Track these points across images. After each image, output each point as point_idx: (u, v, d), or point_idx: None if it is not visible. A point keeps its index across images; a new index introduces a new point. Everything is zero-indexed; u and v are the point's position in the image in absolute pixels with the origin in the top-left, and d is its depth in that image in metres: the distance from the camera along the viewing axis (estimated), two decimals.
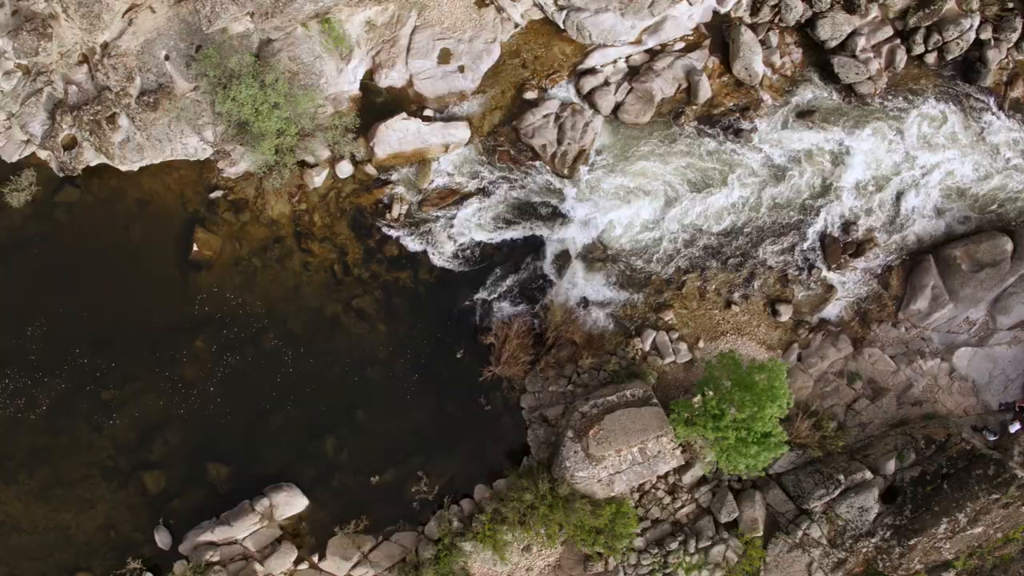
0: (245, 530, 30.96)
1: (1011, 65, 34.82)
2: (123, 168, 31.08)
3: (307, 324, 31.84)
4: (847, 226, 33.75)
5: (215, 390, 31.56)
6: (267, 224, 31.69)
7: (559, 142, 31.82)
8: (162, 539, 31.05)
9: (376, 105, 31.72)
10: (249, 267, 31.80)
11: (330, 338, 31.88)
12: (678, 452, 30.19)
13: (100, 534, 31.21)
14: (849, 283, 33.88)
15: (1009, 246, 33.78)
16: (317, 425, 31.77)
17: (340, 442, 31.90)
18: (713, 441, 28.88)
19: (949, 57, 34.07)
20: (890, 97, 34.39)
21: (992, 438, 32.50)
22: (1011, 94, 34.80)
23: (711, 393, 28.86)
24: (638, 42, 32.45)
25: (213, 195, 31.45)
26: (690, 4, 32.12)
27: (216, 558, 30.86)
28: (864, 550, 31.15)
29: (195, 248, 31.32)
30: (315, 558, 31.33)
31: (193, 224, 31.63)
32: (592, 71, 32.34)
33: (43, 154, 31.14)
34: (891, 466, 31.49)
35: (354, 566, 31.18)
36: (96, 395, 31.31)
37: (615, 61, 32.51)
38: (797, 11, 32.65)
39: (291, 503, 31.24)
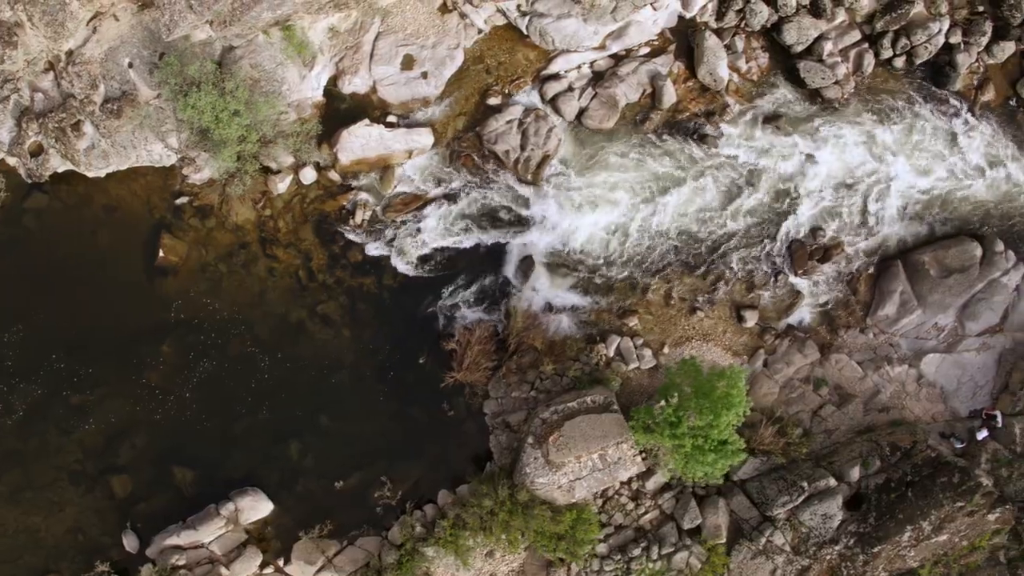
0: (211, 534, 31.11)
1: (982, 69, 34.59)
2: (90, 174, 31.22)
3: (273, 329, 31.97)
4: (814, 231, 33.63)
5: (181, 395, 31.66)
6: (232, 230, 31.83)
7: (522, 148, 31.83)
8: (129, 543, 31.20)
9: (340, 111, 31.78)
10: (215, 273, 31.94)
11: (295, 343, 32.00)
12: (639, 459, 30.16)
13: (69, 537, 31.38)
14: (816, 289, 33.77)
15: (978, 251, 33.58)
16: (282, 430, 31.88)
17: (305, 447, 32.03)
18: (671, 448, 28.83)
19: (918, 61, 33.89)
20: (859, 101, 34.22)
21: (959, 445, 32.32)
22: (982, 98, 34.58)
23: (675, 399, 28.82)
24: (602, 47, 32.38)
25: (179, 201, 31.60)
26: (654, 9, 32.04)
27: (182, 562, 31.02)
28: (828, 557, 31.02)
29: (161, 254, 31.47)
30: (280, 562, 31.44)
31: (159, 230, 31.81)
32: (556, 77, 32.31)
33: (11, 161, 31.30)
34: (855, 473, 31.34)
35: (318, 570, 31.25)
36: (66, 400, 31.53)
37: (579, 67, 32.48)
38: (762, 15, 32.51)
39: (256, 507, 31.38)
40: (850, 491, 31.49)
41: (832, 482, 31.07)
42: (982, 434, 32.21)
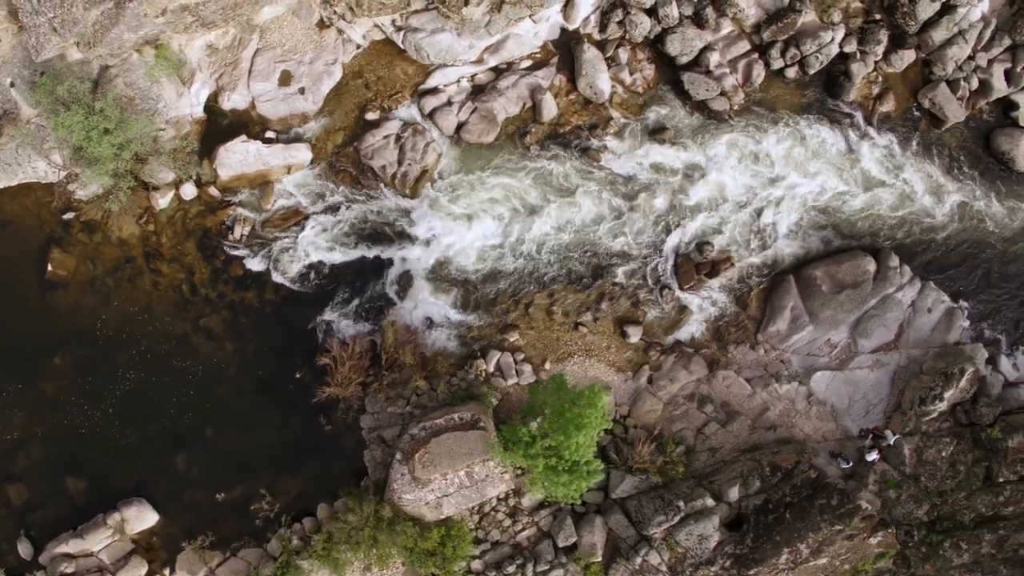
0: (98, 543, 31.75)
1: (879, 79, 33.55)
2: None
3: (159, 343, 32.38)
4: (701, 246, 32.97)
5: (74, 406, 32.32)
6: (118, 245, 32.31)
7: (399, 163, 31.74)
8: (24, 550, 31.97)
9: (222, 127, 32.02)
10: (103, 286, 32.46)
11: (181, 356, 32.37)
12: (507, 476, 29.98)
13: None
14: (705, 304, 33.15)
15: (872, 267, 32.64)
16: (170, 441, 32.33)
17: (191, 458, 32.46)
18: (530, 467, 28.59)
19: (811, 71, 32.98)
20: (749, 113, 33.47)
21: (845, 466, 31.55)
22: (880, 108, 33.58)
23: (549, 414, 28.53)
24: (480, 61, 32.10)
25: (66, 216, 32.16)
26: (534, 22, 31.67)
27: (71, 569, 31.69)
28: None
29: (50, 268, 32.13)
30: (166, 572, 31.97)
31: (51, 244, 32.45)
32: (435, 91, 32.13)
33: None
34: (735, 493, 30.76)
35: None
36: None
37: (458, 80, 32.24)
38: (644, 27, 31.90)
39: (141, 518, 31.90)
40: (730, 511, 30.93)
41: (709, 502, 30.54)
42: (871, 454, 31.36)
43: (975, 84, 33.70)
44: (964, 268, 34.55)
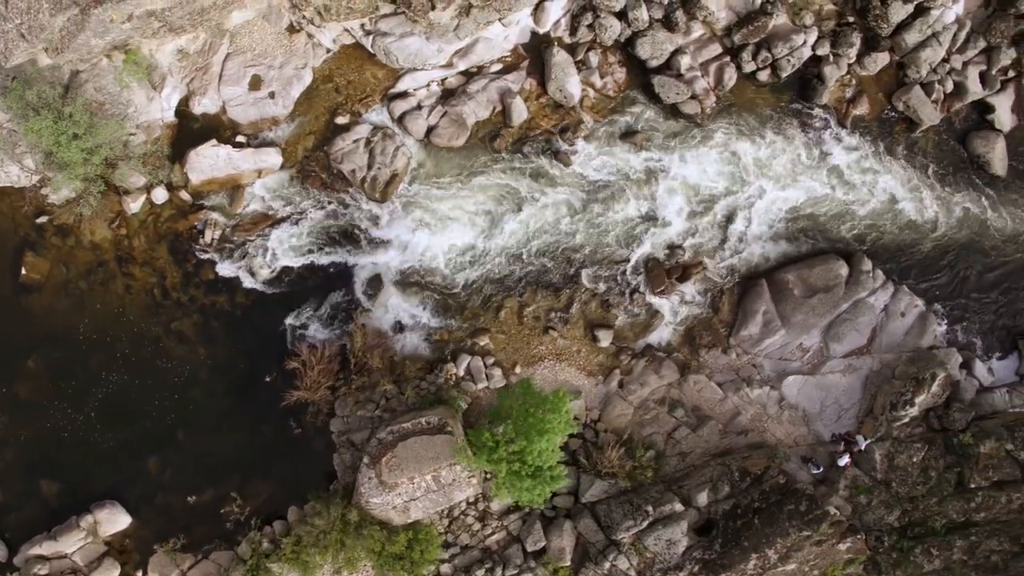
0: (72, 545, 31.93)
1: (853, 82, 33.31)
2: None
3: (132, 346, 32.53)
4: (672, 249, 32.85)
5: (48, 409, 32.50)
6: (91, 249, 32.47)
7: (369, 167, 31.76)
8: None
9: (194, 131, 32.12)
10: (76, 290, 32.64)
11: (153, 360, 32.51)
12: (474, 480, 29.96)
13: None
14: (676, 308, 33.01)
15: (844, 271, 32.43)
16: (142, 444, 32.50)
17: (164, 461, 32.60)
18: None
19: (784, 75, 32.78)
20: (722, 116, 33.28)
21: (816, 471, 31.38)
22: (853, 111, 33.35)
23: (514, 418, 28.51)
24: (449, 65, 32.09)
25: (39, 220, 32.34)
26: (504, 26, 31.61)
27: (44, 571, 31.88)
28: None
29: (23, 271, 32.32)
30: (139, 574, 32.15)
31: (23, 248, 32.64)
32: (404, 95, 32.13)
33: None
34: (704, 498, 30.65)
35: None
36: None
37: (428, 84, 32.23)
38: (613, 30, 31.79)
39: (114, 520, 32.07)
40: (700, 516, 30.82)
41: (678, 507, 30.43)
42: (843, 459, 31.18)
43: (950, 87, 33.43)
44: (941, 272, 34.29)
